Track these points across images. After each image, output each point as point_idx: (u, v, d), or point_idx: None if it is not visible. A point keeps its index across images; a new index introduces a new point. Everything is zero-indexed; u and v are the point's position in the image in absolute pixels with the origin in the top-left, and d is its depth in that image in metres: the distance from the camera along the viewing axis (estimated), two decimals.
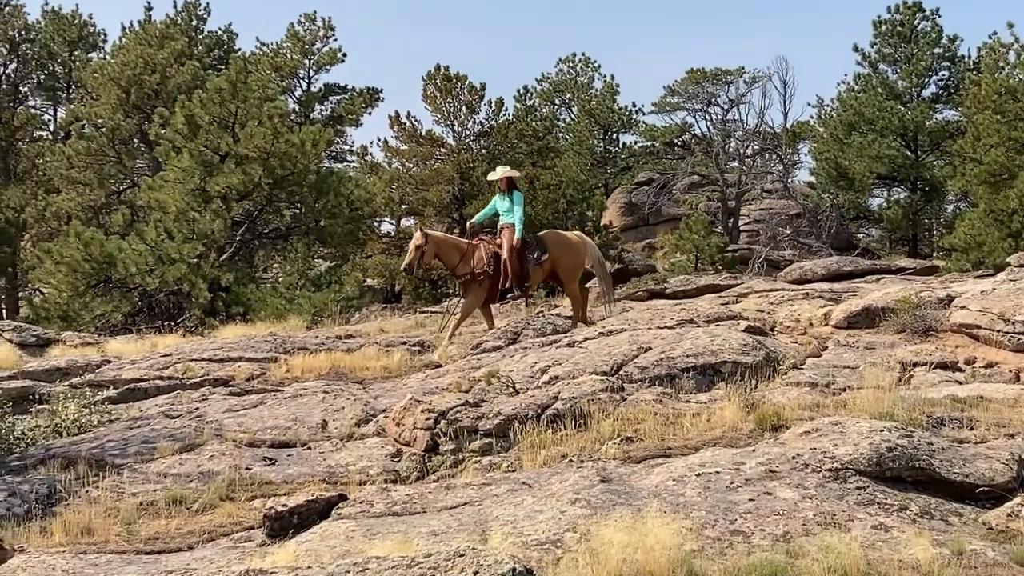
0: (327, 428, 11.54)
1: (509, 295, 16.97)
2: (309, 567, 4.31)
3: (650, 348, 12.62)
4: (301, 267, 30.75)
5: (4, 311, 42.03)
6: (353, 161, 48.47)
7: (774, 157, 49.16)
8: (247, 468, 10.20)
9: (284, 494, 9.11)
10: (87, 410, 12.90)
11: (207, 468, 10.23)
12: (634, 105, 53.54)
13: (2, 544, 5.73)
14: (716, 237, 41.01)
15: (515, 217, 16.78)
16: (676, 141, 53.33)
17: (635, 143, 55.04)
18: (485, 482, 8.68)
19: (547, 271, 17.06)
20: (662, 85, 75.30)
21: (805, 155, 52.55)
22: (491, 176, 17.87)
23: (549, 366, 12.60)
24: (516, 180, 17.50)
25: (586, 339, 13.75)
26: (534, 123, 43.38)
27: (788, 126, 48.68)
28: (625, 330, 13.89)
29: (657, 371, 11.88)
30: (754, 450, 8.55)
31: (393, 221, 44.19)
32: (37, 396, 14.29)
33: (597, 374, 11.85)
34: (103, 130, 38.14)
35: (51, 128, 50.68)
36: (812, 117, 52.43)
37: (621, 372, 12.02)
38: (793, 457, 8.07)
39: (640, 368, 12.01)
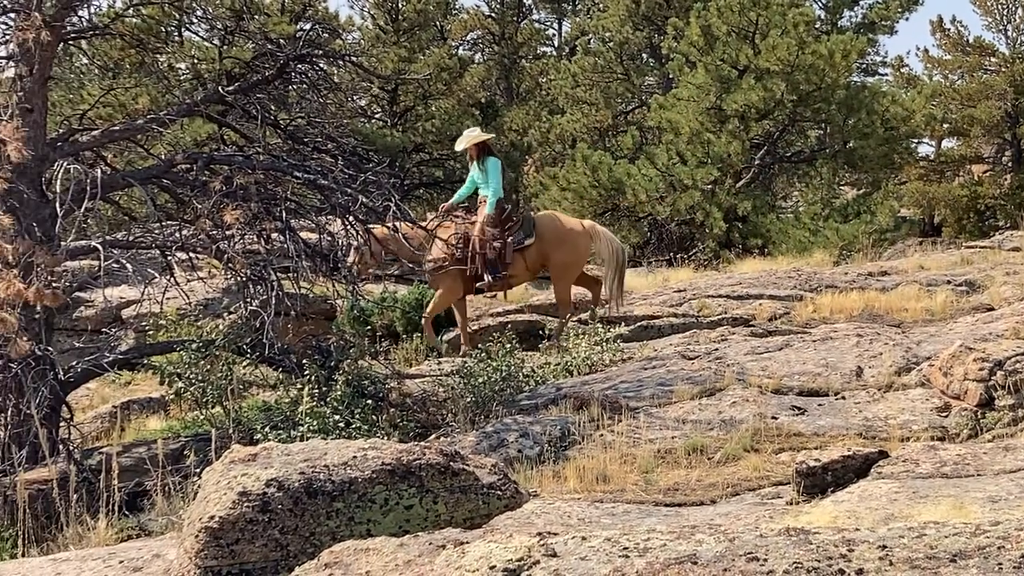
0: (862, 376, 11.44)
1: (479, 283, 15.05)
2: (857, 529, 4.29)
3: None
4: (826, 195, 30.60)
5: None
6: (887, 74, 47.41)
7: None
8: (772, 417, 10.26)
9: (815, 448, 9.11)
10: (598, 348, 13.44)
11: (728, 415, 10.38)
12: None
13: (517, 488, 6.08)
14: None
15: (489, 188, 15.13)
16: None
17: None
18: None
19: (533, 262, 15.26)
20: None
21: None
22: (458, 145, 15.99)
23: None
24: (490, 143, 15.79)
25: None
26: None
27: None
28: None
29: None
30: None
31: (933, 142, 43.00)
32: (545, 332, 15.03)
33: None
34: (610, 44, 39.21)
35: (555, 44, 52.67)
36: None
37: None
38: None
39: None
